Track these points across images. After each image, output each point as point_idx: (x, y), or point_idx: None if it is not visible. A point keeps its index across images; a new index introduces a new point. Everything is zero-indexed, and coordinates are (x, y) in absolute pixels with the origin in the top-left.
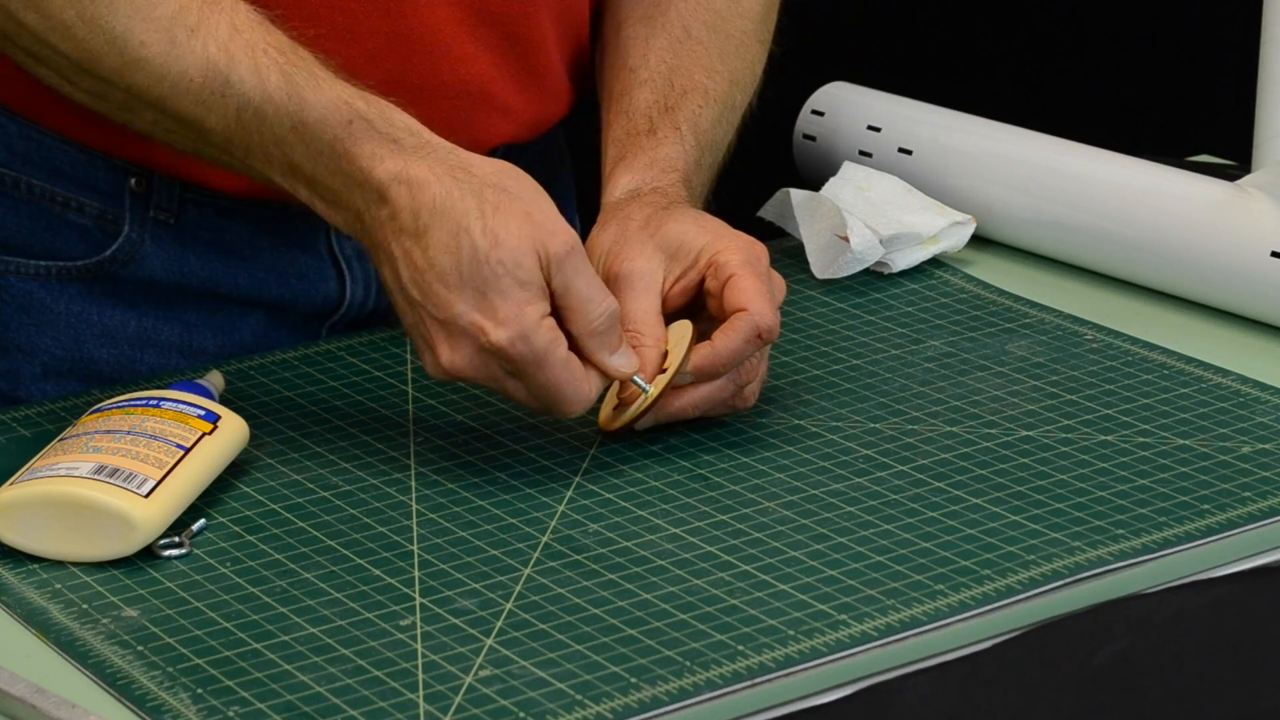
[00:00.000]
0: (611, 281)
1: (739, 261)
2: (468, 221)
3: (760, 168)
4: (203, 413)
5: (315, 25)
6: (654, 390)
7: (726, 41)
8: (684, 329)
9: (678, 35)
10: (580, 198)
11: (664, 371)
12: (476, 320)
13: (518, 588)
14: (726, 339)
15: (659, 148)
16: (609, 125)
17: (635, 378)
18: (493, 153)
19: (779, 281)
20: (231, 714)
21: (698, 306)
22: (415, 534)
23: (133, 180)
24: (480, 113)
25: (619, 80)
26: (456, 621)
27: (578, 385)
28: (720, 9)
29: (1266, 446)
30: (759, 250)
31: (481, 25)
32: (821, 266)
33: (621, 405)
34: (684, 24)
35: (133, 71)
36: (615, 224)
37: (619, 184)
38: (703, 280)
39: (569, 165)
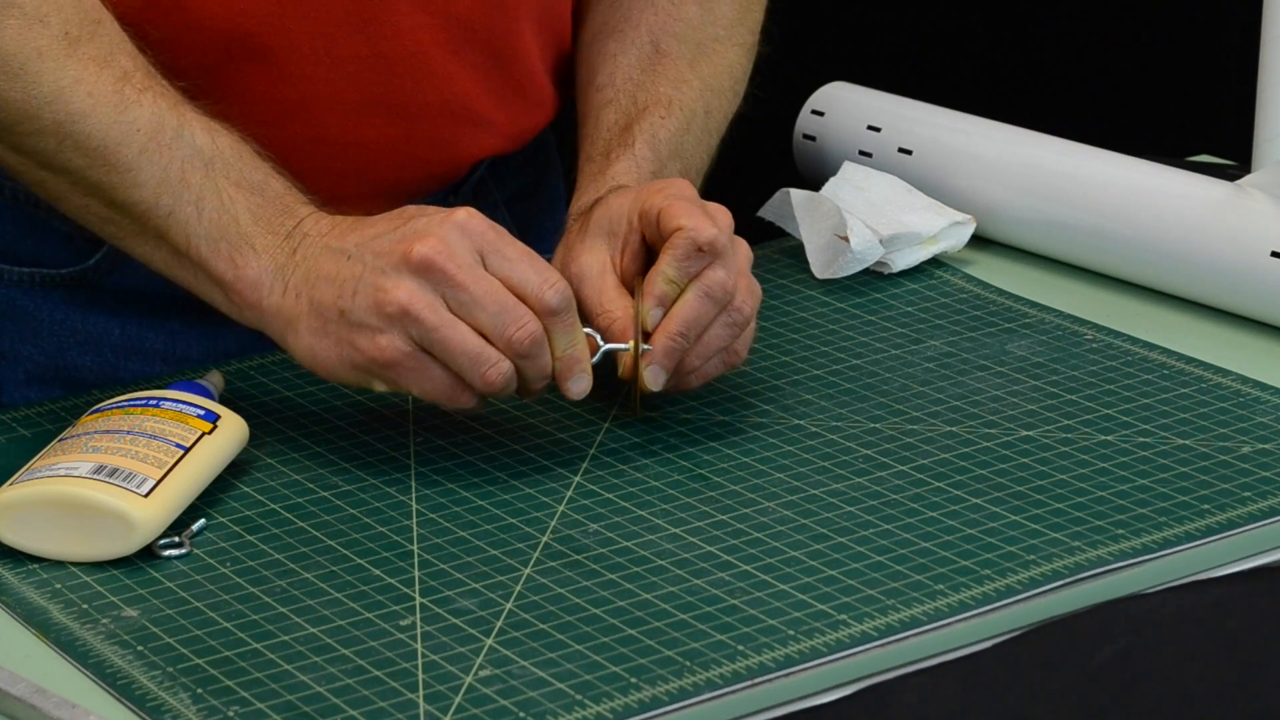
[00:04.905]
0: (571, 285)
1: (663, 197)
2: (408, 208)
3: (760, 168)
4: (202, 412)
5: (294, 48)
6: (631, 341)
7: (698, 49)
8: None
9: (646, 51)
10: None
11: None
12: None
13: (518, 588)
14: (668, 255)
15: (609, 168)
16: (577, 149)
17: (611, 345)
18: (475, 166)
19: (718, 208)
20: (231, 714)
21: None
22: (415, 534)
23: None
24: (462, 130)
25: (588, 101)
26: (456, 621)
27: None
28: (690, 18)
29: (1266, 446)
30: (682, 183)
31: (465, 44)
32: (821, 266)
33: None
34: (653, 38)
35: (76, 122)
36: (562, 243)
37: (570, 212)
38: (644, 238)
39: (559, 166)
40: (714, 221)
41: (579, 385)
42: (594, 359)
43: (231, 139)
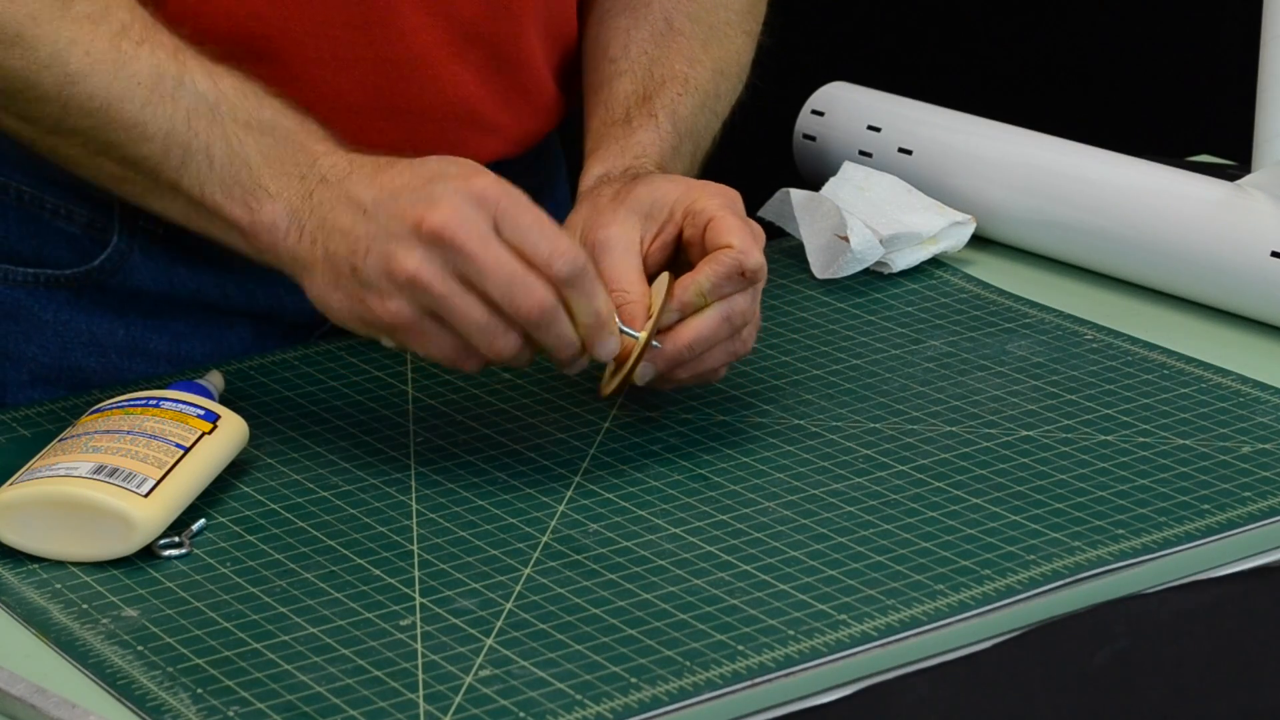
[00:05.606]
0: (590, 251)
1: (717, 205)
2: (430, 160)
3: (760, 168)
4: (202, 412)
5: (300, 51)
6: (643, 335)
7: (710, 31)
8: (664, 280)
9: (660, 27)
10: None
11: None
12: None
13: (518, 588)
14: (710, 269)
15: (632, 135)
16: (589, 116)
17: (621, 326)
18: None
19: (758, 228)
20: (231, 714)
21: (680, 265)
22: (415, 534)
23: None
24: (467, 134)
25: (600, 71)
26: (456, 621)
27: (525, 275)
28: None
29: (1266, 446)
30: (735, 195)
31: (470, 47)
32: (821, 266)
33: (618, 367)
34: (666, 15)
35: (75, 83)
36: (587, 203)
37: (591, 173)
38: (680, 233)
39: (563, 169)
40: (759, 243)
41: (606, 349)
42: None
43: (235, 79)
